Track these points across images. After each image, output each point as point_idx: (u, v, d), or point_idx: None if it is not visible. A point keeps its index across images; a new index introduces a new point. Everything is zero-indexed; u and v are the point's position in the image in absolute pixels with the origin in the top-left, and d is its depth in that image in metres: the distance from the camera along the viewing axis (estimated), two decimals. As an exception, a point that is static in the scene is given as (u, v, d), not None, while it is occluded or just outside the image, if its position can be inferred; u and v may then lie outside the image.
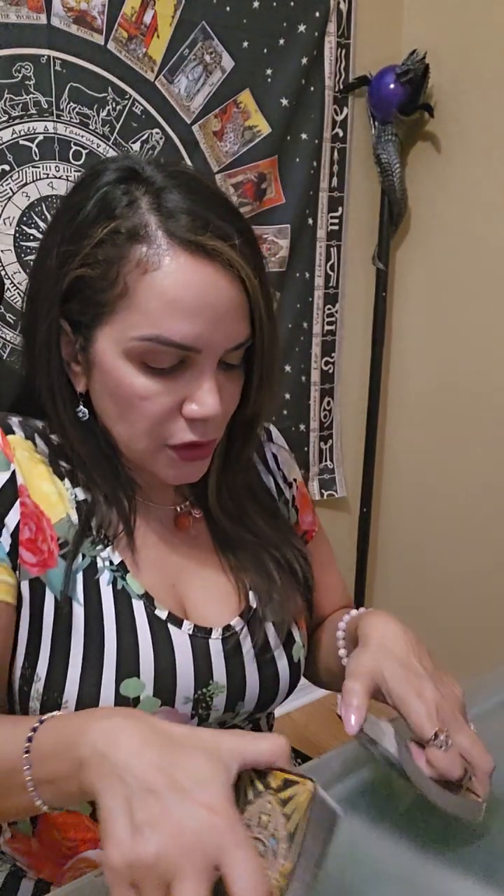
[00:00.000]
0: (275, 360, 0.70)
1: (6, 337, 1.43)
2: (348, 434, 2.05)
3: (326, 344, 1.92)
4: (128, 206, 0.62)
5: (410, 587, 2.14)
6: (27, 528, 0.67)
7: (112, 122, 1.46)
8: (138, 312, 0.62)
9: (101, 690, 0.65)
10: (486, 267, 1.77)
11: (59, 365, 0.68)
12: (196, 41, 1.52)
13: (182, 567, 0.75)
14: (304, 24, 1.65)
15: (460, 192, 1.79)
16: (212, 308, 0.62)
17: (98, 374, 0.66)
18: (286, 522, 0.84)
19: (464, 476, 1.92)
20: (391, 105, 1.72)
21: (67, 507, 0.69)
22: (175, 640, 0.69)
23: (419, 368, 1.99)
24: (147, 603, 0.69)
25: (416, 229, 1.93)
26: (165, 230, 0.61)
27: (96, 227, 0.62)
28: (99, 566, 0.69)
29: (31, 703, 0.67)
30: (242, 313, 0.64)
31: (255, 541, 0.78)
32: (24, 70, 1.34)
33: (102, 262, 0.62)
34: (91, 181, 0.65)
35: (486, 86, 1.69)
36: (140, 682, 0.66)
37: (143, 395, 0.64)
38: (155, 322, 0.61)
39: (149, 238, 0.61)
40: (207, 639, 0.72)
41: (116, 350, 0.64)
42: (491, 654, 1.84)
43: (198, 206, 0.62)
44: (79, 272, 0.63)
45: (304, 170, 1.74)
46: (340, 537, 2.11)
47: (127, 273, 0.61)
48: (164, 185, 0.63)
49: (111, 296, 0.62)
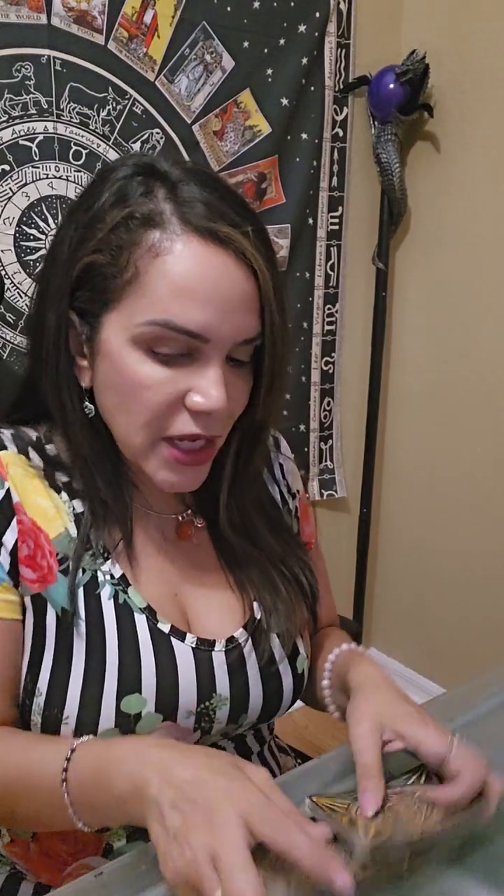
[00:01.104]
0: (285, 362, 0.69)
1: (6, 337, 1.43)
2: (348, 434, 2.04)
3: (326, 344, 1.92)
4: (144, 194, 0.62)
5: (410, 587, 2.14)
6: (25, 546, 0.66)
7: (112, 122, 1.46)
8: (147, 297, 0.60)
9: (102, 708, 0.65)
10: (485, 266, 1.77)
11: (66, 358, 0.67)
12: (196, 41, 1.51)
13: (184, 577, 0.74)
14: (304, 24, 1.65)
15: (460, 191, 1.79)
16: (222, 297, 0.61)
17: (103, 364, 0.64)
18: (292, 534, 0.83)
19: (464, 476, 1.92)
20: (391, 105, 1.72)
21: (65, 520, 0.68)
22: (178, 654, 0.69)
23: (419, 368, 1.99)
24: (149, 616, 0.69)
25: (416, 229, 1.93)
26: (180, 217, 0.60)
27: (111, 214, 0.62)
28: (100, 580, 0.68)
29: (32, 717, 0.66)
30: (253, 307, 0.63)
31: (261, 554, 0.77)
32: (24, 70, 1.34)
33: (115, 248, 0.61)
34: (108, 175, 0.65)
35: (486, 86, 1.69)
36: (141, 698, 0.66)
37: (147, 383, 0.62)
38: (164, 307, 0.60)
39: (163, 224, 0.60)
40: (210, 651, 0.71)
41: (123, 337, 0.62)
42: (491, 653, 1.84)
43: (213, 197, 0.62)
44: (90, 258, 0.63)
45: (304, 169, 1.73)
46: (340, 537, 2.11)
47: (138, 258, 0.60)
48: (180, 178, 0.62)
49: (121, 281, 0.61)
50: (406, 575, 2.15)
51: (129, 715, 0.65)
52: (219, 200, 0.62)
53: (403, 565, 2.15)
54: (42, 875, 0.74)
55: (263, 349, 0.66)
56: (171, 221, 0.60)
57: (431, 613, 2.08)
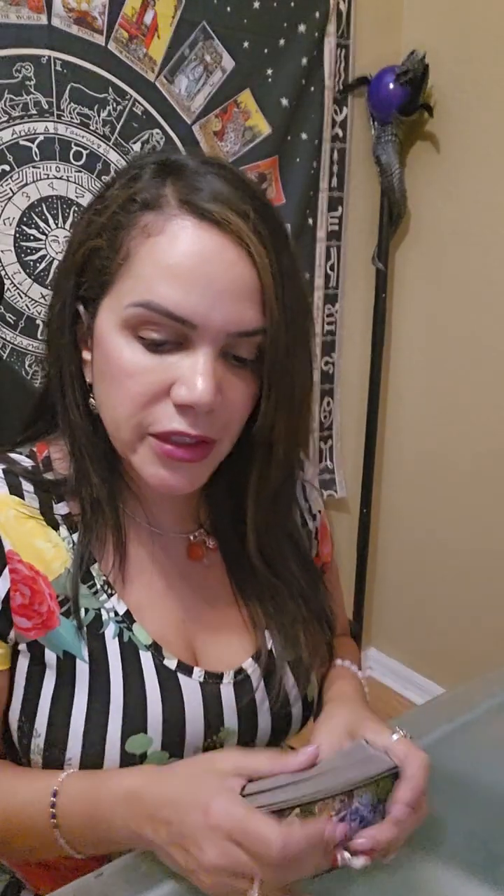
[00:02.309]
0: (292, 364, 0.61)
1: (6, 337, 1.43)
2: (348, 434, 2.04)
3: (326, 344, 1.92)
4: (151, 178, 0.60)
5: (410, 587, 2.14)
6: (19, 594, 0.63)
7: (113, 122, 1.46)
8: (134, 278, 0.58)
9: (106, 749, 0.63)
10: (485, 266, 1.77)
11: (70, 349, 0.64)
12: (196, 41, 1.52)
13: (192, 602, 0.71)
14: (304, 24, 1.65)
15: (460, 192, 1.79)
16: (211, 280, 0.56)
17: (96, 353, 0.61)
18: (316, 569, 0.79)
19: (464, 476, 1.92)
20: (391, 105, 1.72)
21: (65, 557, 0.66)
22: (185, 690, 0.66)
23: (419, 368, 1.99)
24: (155, 654, 0.66)
25: (416, 229, 1.93)
26: (180, 198, 0.58)
27: (115, 200, 0.60)
28: (104, 618, 0.65)
29: (32, 757, 0.65)
30: (253, 297, 0.58)
31: (281, 585, 0.72)
32: (24, 70, 1.34)
33: (112, 230, 0.59)
34: (126, 170, 0.63)
35: (486, 86, 1.69)
36: (147, 737, 0.64)
37: (130, 370, 0.58)
38: (148, 287, 0.57)
39: (160, 206, 0.58)
40: (219, 684, 0.68)
41: (113, 321, 0.59)
42: (491, 653, 1.84)
43: (223, 184, 0.59)
44: (92, 243, 0.60)
45: (304, 170, 1.73)
46: (340, 537, 2.11)
47: (131, 239, 0.58)
48: (195, 168, 0.60)
49: (114, 264, 0.59)
50: (406, 575, 2.15)
51: (135, 755, 0.64)
52: (228, 187, 0.58)
53: (403, 565, 2.15)
54: (42, 887, 0.73)
55: (263, 345, 0.60)
56: (169, 203, 0.58)
57: (431, 613, 2.08)
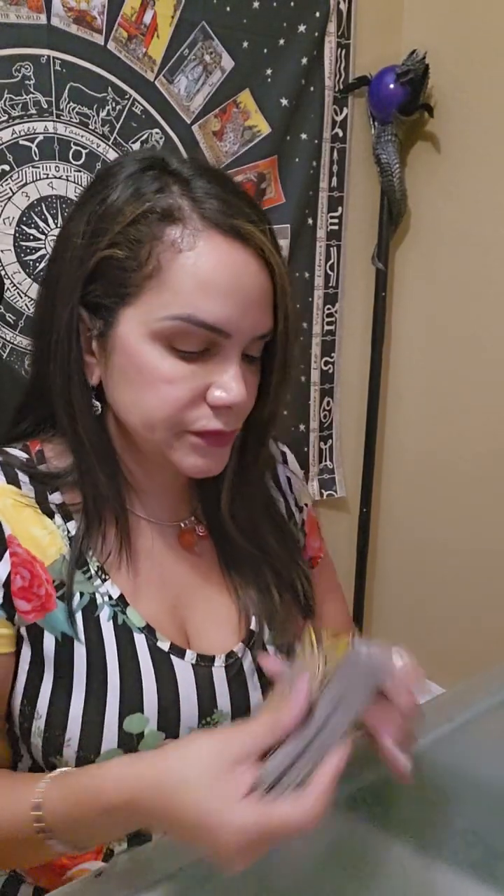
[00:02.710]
0: (295, 358, 0.70)
1: (6, 337, 1.43)
2: (348, 434, 2.04)
3: (326, 344, 1.92)
4: (158, 190, 0.62)
5: (410, 587, 2.14)
6: (19, 577, 0.66)
7: (112, 122, 1.46)
8: (170, 292, 0.61)
9: (104, 729, 0.65)
10: (485, 267, 1.77)
11: (77, 354, 0.66)
12: (196, 41, 1.51)
13: (184, 587, 0.74)
14: (304, 24, 1.65)
15: (460, 192, 1.79)
16: (244, 292, 0.62)
17: (118, 360, 0.64)
18: (294, 541, 0.82)
19: (464, 476, 1.92)
20: (391, 105, 1.72)
21: (60, 544, 0.68)
22: (178, 672, 0.68)
23: (419, 368, 1.99)
24: (149, 635, 0.68)
25: (416, 229, 1.92)
26: (200, 213, 0.61)
27: (127, 208, 0.62)
28: (98, 602, 0.68)
29: (32, 740, 0.66)
30: (269, 303, 0.64)
31: (260, 556, 0.76)
32: (24, 70, 1.34)
33: (134, 242, 0.61)
34: (116, 170, 0.65)
35: (486, 86, 1.69)
36: (143, 717, 0.66)
37: (169, 378, 0.62)
38: (187, 301, 0.61)
39: (183, 219, 0.61)
40: (210, 667, 0.70)
41: (142, 332, 0.62)
42: (491, 653, 1.84)
43: (226, 193, 0.63)
44: (106, 252, 0.62)
45: (304, 170, 1.73)
46: (340, 537, 2.11)
47: (160, 252, 0.61)
48: (192, 174, 0.63)
49: (140, 276, 0.61)
50: (406, 575, 2.15)
51: (132, 734, 0.65)
52: (232, 197, 0.63)
53: (403, 565, 2.15)
54: (42, 879, 0.74)
55: (274, 344, 0.67)
56: (191, 217, 0.61)
57: (431, 613, 2.08)
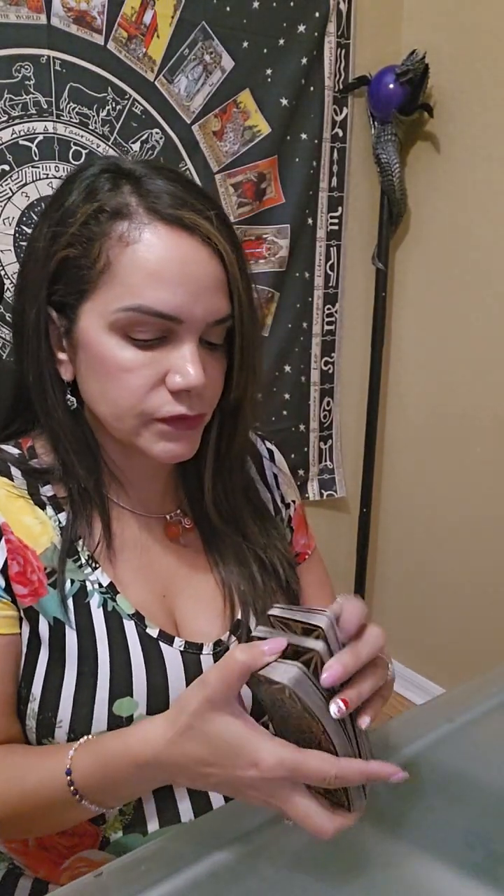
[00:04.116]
0: (256, 340, 0.72)
1: (6, 337, 1.43)
2: (348, 434, 2.05)
3: (326, 344, 1.92)
4: (111, 189, 0.65)
5: (410, 587, 2.14)
6: (15, 563, 0.69)
7: (112, 122, 1.46)
8: (120, 285, 0.63)
9: (95, 711, 0.67)
10: (485, 266, 1.77)
11: (47, 352, 0.70)
12: (196, 41, 1.51)
13: (172, 578, 0.76)
14: (304, 24, 1.65)
15: (459, 191, 1.79)
16: (192, 279, 0.63)
17: (83, 354, 0.67)
18: (276, 527, 0.84)
19: (464, 476, 1.92)
20: (391, 105, 1.72)
21: (52, 534, 0.71)
22: (167, 658, 0.70)
23: (418, 368, 1.99)
24: (138, 622, 0.70)
25: (416, 229, 1.93)
26: (146, 207, 0.64)
27: (80, 210, 0.65)
28: (89, 589, 0.70)
29: (27, 722, 0.68)
30: (222, 288, 0.66)
31: (243, 543, 0.78)
32: (24, 70, 1.34)
33: (86, 240, 0.64)
34: (76, 174, 0.68)
35: (486, 86, 1.69)
36: (133, 701, 0.68)
37: (127, 367, 0.65)
38: (137, 292, 0.63)
39: (130, 215, 0.64)
40: (199, 654, 0.72)
41: (100, 325, 0.65)
42: (491, 654, 1.84)
43: (176, 188, 0.65)
44: (64, 253, 0.66)
45: (304, 170, 1.73)
46: (340, 537, 2.11)
47: (109, 248, 0.64)
48: (144, 173, 0.66)
49: (94, 272, 0.64)
50: (406, 575, 2.15)
51: (122, 717, 0.67)
52: (182, 191, 0.65)
53: (403, 565, 2.16)
54: (40, 870, 0.75)
55: (234, 330, 0.69)
56: (137, 212, 0.64)
57: (431, 613, 2.08)
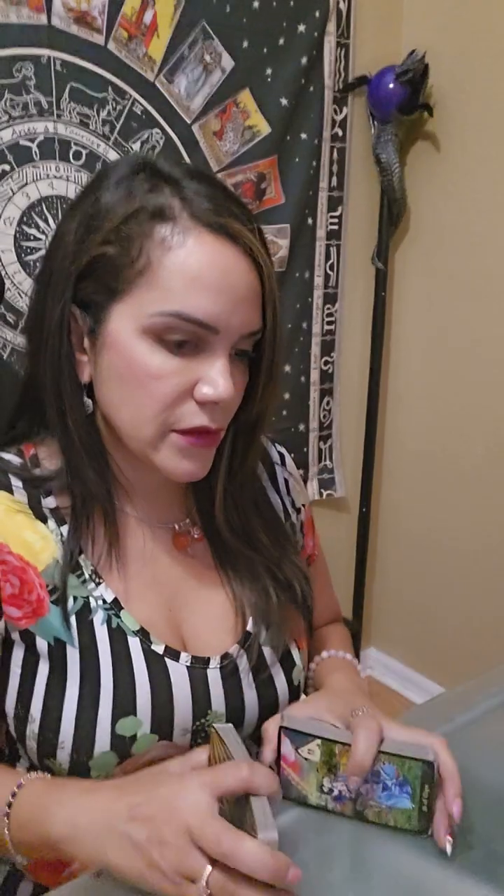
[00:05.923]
0: (281, 357, 0.71)
1: (6, 337, 1.43)
2: (348, 434, 2.05)
3: (326, 344, 1.92)
4: (150, 191, 0.63)
5: (410, 587, 2.14)
6: (9, 585, 0.66)
7: (112, 122, 1.46)
8: (159, 288, 0.62)
9: (97, 732, 0.65)
10: (485, 266, 1.77)
11: (68, 351, 0.67)
12: (196, 41, 1.51)
13: (179, 589, 0.74)
14: (304, 24, 1.65)
15: (459, 191, 1.80)
16: (233, 289, 0.62)
17: (108, 356, 0.65)
18: (288, 539, 0.82)
19: (463, 475, 1.92)
20: (391, 105, 1.72)
21: (54, 549, 0.68)
22: (172, 674, 0.69)
23: (418, 368, 1.99)
24: (143, 639, 0.69)
25: (416, 229, 1.93)
26: (190, 212, 0.62)
27: (119, 208, 0.63)
28: (92, 606, 0.68)
29: (28, 743, 0.67)
30: (257, 301, 0.65)
31: (256, 556, 0.76)
32: (24, 70, 1.34)
33: (125, 240, 0.62)
34: (110, 172, 0.66)
35: (486, 86, 1.69)
36: (137, 720, 0.66)
37: (157, 374, 0.63)
38: (177, 298, 0.61)
39: (173, 217, 0.62)
40: (206, 669, 0.71)
41: (132, 327, 0.63)
42: (491, 653, 1.84)
43: (217, 194, 0.64)
44: (99, 250, 0.63)
45: (304, 170, 1.74)
46: (340, 537, 2.11)
47: (150, 250, 0.62)
48: (182, 175, 0.64)
49: (132, 272, 0.62)
50: (406, 574, 2.15)
51: (125, 737, 0.66)
52: (223, 198, 0.64)
53: (403, 564, 2.16)
54: (41, 875, 0.74)
55: (262, 342, 0.68)
56: (181, 216, 0.62)
57: (431, 613, 2.08)
